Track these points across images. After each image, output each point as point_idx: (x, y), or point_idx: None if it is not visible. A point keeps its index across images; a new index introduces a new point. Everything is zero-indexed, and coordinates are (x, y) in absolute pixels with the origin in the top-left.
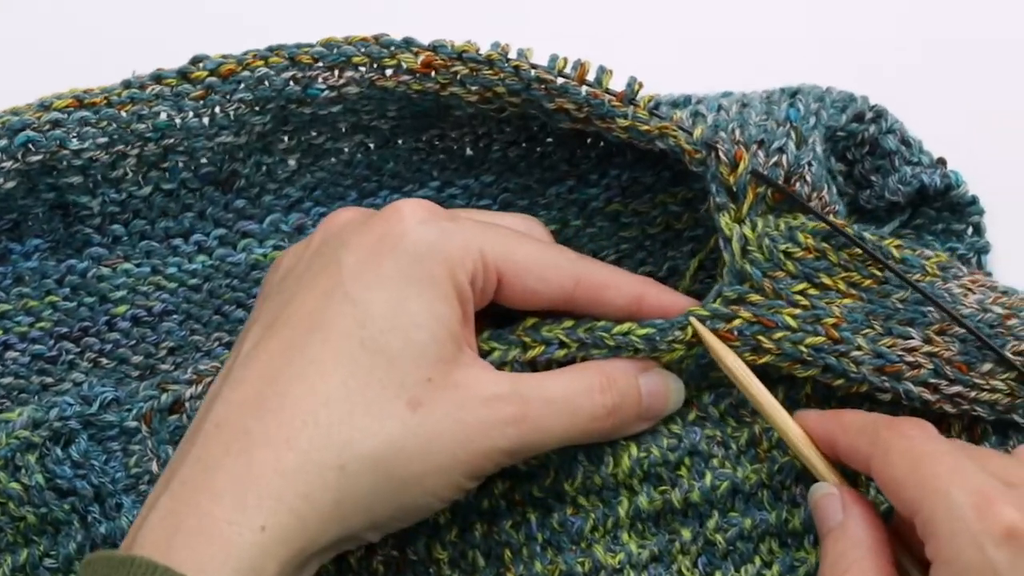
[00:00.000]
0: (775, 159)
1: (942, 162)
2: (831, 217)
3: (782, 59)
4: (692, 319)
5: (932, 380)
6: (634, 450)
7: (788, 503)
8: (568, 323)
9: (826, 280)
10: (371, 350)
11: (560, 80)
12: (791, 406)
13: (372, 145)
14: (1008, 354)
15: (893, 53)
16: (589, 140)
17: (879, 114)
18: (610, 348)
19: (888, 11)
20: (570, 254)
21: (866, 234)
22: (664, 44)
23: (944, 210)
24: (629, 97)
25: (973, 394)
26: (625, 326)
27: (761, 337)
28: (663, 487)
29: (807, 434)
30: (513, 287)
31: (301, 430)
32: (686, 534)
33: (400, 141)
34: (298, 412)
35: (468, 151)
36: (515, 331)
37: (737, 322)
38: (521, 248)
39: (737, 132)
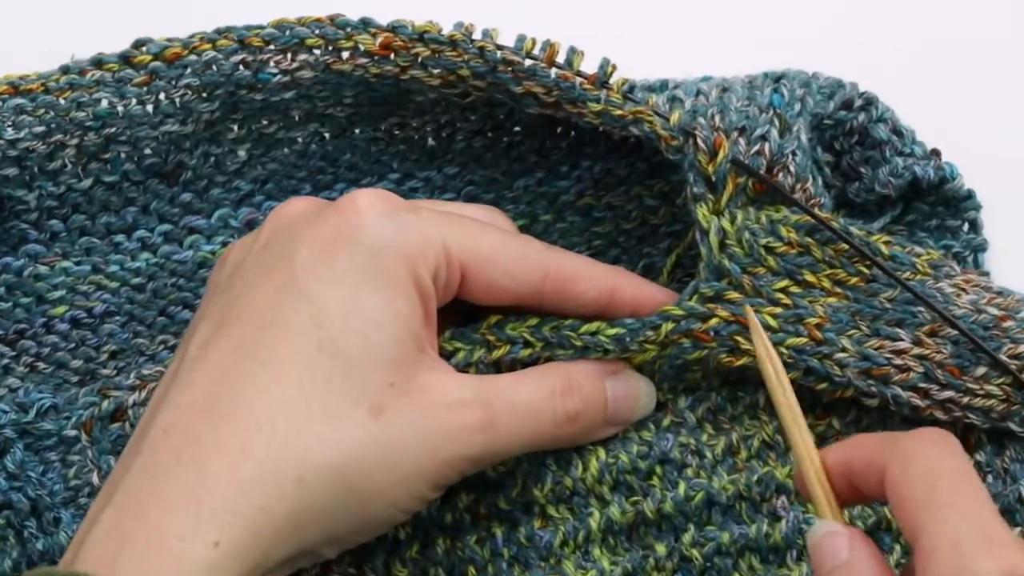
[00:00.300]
0: (757, 147)
1: (936, 153)
2: (816, 210)
3: (766, 44)
4: (747, 308)
5: (922, 384)
6: (602, 454)
7: (769, 516)
8: (533, 321)
9: (809, 277)
10: (329, 351)
11: (528, 62)
12: (773, 413)
13: (327, 134)
14: (1003, 357)
15: (886, 41)
16: (559, 129)
17: (869, 101)
18: (577, 348)
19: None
20: (537, 245)
21: (853, 229)
22: (642, 27)
23: (938, 205)
24: (601, 80)
25: (966, 400)
26: (593, 325)
27: (739, 338)
28: (634, 497)
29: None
30: (478, 282)
31: (256, 437)
32: (661, 549)
33: (357, 130)
34: (253, 417)
35: (430, 141)
36: (479, 329)
37: (714, 321)
38: (486, 240)
39: (717, 118)
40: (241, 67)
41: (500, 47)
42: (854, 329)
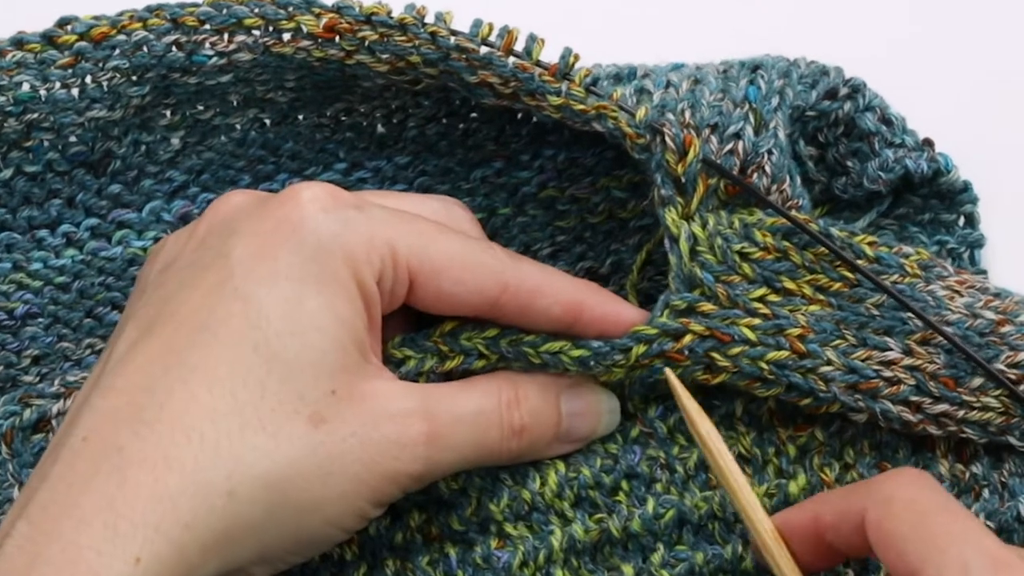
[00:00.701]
0: (730, 146)
1: (929, 143)
2: (793, 213)
3: (745, 24)
4: (668, 372)
5: (914, 398)
6: (561, 467)
7: (743, 537)
8: (491, 332)
9: (789, 284)
10: (265, 355)
11: (484, 49)
12: (751, 424)
13: (268, 121)
14: (1001, 366)
15: (873, 20)
16: (520, 116)
17: (855, 89)
18: (535, 366)
19: None
20: (499, 252)
21: (834, 230)
22: (610, 7)
23: (932, 198)
24: (563, 71)
25: (962, 413)
26: (557, 344)
27: (715, 354)
28: (599, 515)
29: (780, 531)
30: (427, 289)
31: (184, 447)
32: (628, 570)
33: (300, 116)
34: (180, 426)
35: (379, 128)
36: (431, 337)
37: (688, 339)
38: (439, 243)
39: (687, 114)
40: (174, 48)
41: (454, 32)
42: (839, 339)
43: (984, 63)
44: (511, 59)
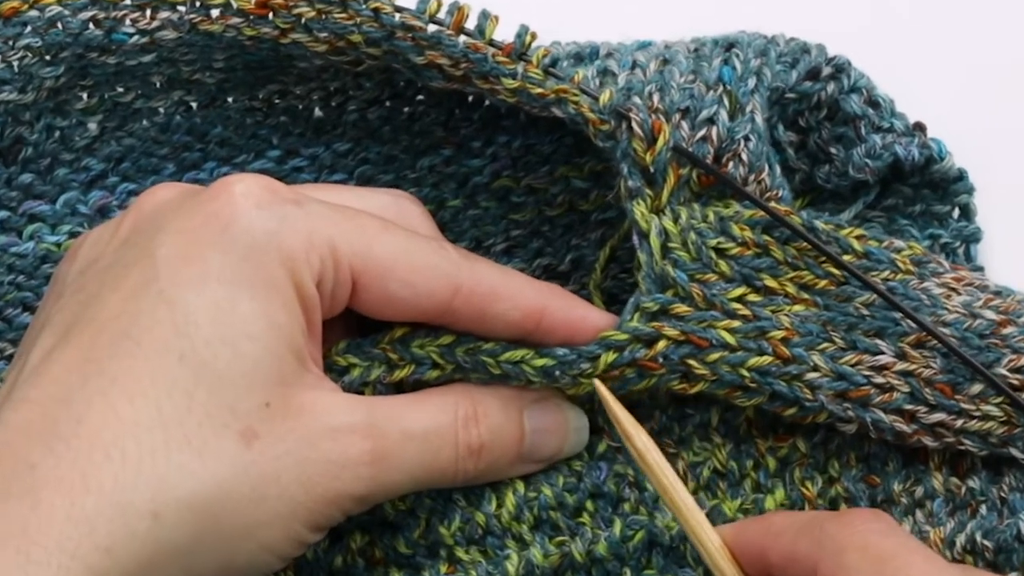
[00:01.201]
0: (703, 132)
1: (920, 128)
2: (773, 205)
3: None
4: (596, 383)
5: (908, 406)
6: (521, 487)
7: None
8: (446, 339)
9: (770, 282)
10: (193, 365)
11: (432, 28)
12: (728, 434)
13: (194, 104)
14: (1003, 371)
15: None
16: (471, 98)
17: (839, 69)
18: (495, 377)
19: None
20: (452, 252)
21: (818, 223)
22: None
23: (924, 187)
24: (519, 51)
25: (960, 423)
26: (519, 352)
27: (692, 361)
28: (560, 538)
29: (729, 548)
30: (372, 292)
31: (103, 466)
32: None
33: (230, 99)
34: (99, 442)
35: (317, 111)
36: (379, 343)
37: (662, 345)
38: (385, 241)
39: (656, 98)
40: (91, 26)
41: (399, 9)
42: (826, 342)
43: (981, 39)
44: (462, 38)
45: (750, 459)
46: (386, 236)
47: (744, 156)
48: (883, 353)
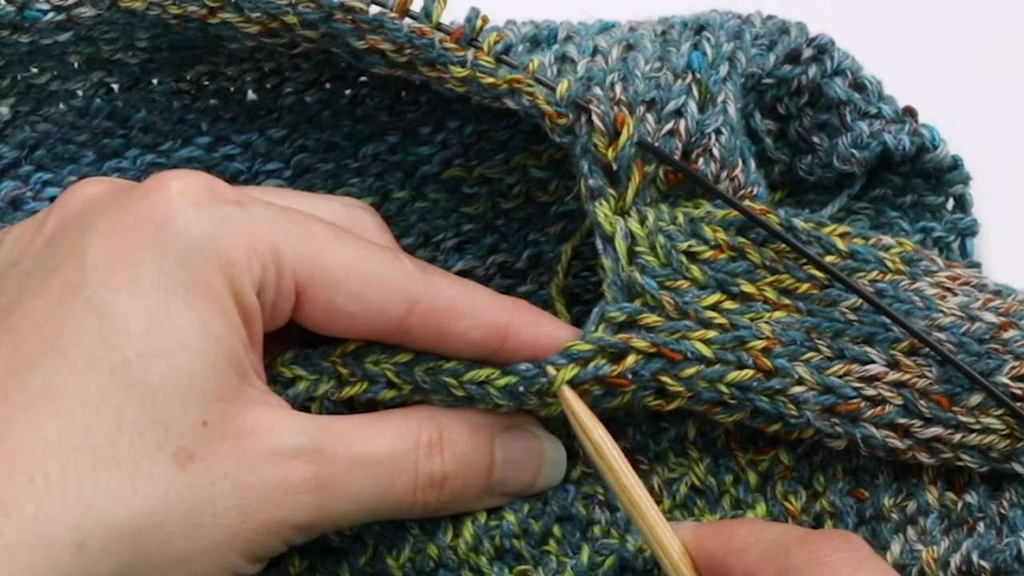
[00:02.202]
0: (670, 125)
1: (911, 113)
2: (747, 203)
3: None
4: (549, 368)
5: (901, 420)
6: (482, 516)
7: None
8: (403, 356)
9: (747, 288)
10: (124, 380)
11: (374, 9)
12: (706, 448)
13: (116, 86)
14: (1004, 379)
15: None
16: (419, 81)
17: (821, 49)
18: (457, 399)
19: None
20: (408, 265)
21: (797, 221)
22: None
23: (915, 177)
24: (468, 36)
25: (958, 437)
26: (483, 372)
27: (665, 377)
28: (522, 567)
29: (690, 556)
30: (317, 305)
31: (24, 490)
32: None
33: (155, 81)
34: (20, 464)
35: (250, 95)
36: (330, 356)
37: (631, 360)
38: (334, 250)
39: (618, 88)
40: (2, 1)
41: None
42: (811, 352)
43: (977, 12)
44: (407, 21)
45: (729, 474)
46: (336, 244)
47: (715, 151)
48: (873, 362)
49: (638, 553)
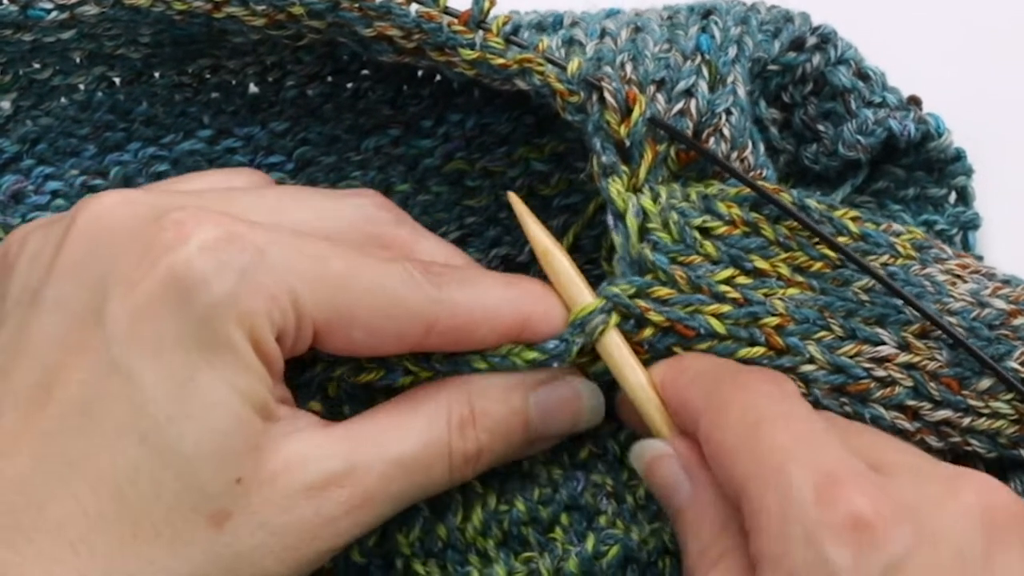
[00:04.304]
0: (680, 105)
1: (915, 102)
2: (760, 183)
3: None
4: (510, 195)
5: (911, 402)
6: (492, 500)
7: None
8: None
9: (761, 264)
10: (158, 448)
11: None
12: None
13: (117, 80)
14: (1014, 364)
15: None
16: (421, 74)
17: (825, 39)
18: (481, 371)
19: None
20: (422, 283)
21: (810, 202)
22: None
23: (918, 169)
24: (476, 19)
25: (967, 421)
26: (504, 348)
27: (678, 350)
28: (528, 554)
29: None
30: (335, 340)
31: (70, 563)
32: None
33: (157, 74)
34: (63, 537)
35: (252, 88)
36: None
37: (647, 333)
38: (351, 288)
39: (628, 68)
40: (5, 0)
41: None
42: (823, 331)
43: (977, 9)
44: (414, 7)
45: None
46: (352, 281)
47: (726, 131)
48: (884, 343)
49: (642, 544)
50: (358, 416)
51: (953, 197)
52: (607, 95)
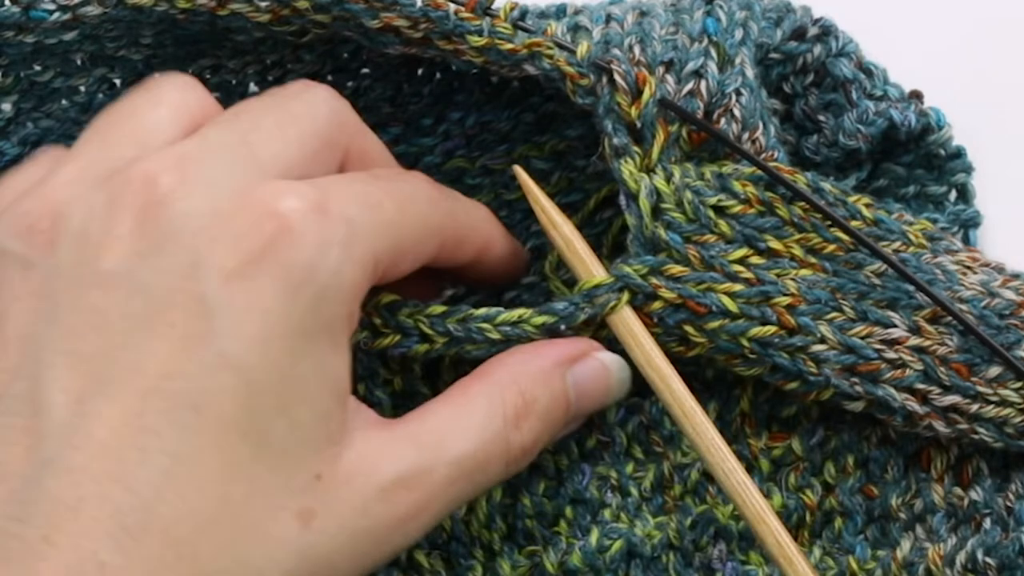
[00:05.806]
0: (690, 86)
1: (917, 96)
2: (772, 165)
3: None
4: (516, 168)
5: (920, 385)
6: (497, 494)
7: (702, 570)
8: (436, 309)
9: (775, 244)
10: (254, 442)
11: None
12: (720, 432)
13: (118, 81)
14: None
15: None
16: (421, 71)
17: (826, 30)
18: (493, 343)
19: None
20: (440, 201)
21: (825, 185)
22: None
23: (917, 166)
24: (483, 5)
25: (975, 407)
26: (515, 313)
27: (689, 327)
28: (532, 547)
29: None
30: (385, 278)
31: (174, 567)
32: None
33: (157, 75)
34: (169, 538)
35: (252, 87)
36: (365, 306)
37: (657, 305)
38: (403, 224)
39: (636, 50)
40: (7, 2)
41: None
42: (835, 312)
43: (978, 6)
44: None
45: (743, 461)
46: (401, 218)
47: (736, 111)
48: (896, 326)
49: (647, 538)
50: (413, 414)
51: (953, 195)
52: (617, 77)
